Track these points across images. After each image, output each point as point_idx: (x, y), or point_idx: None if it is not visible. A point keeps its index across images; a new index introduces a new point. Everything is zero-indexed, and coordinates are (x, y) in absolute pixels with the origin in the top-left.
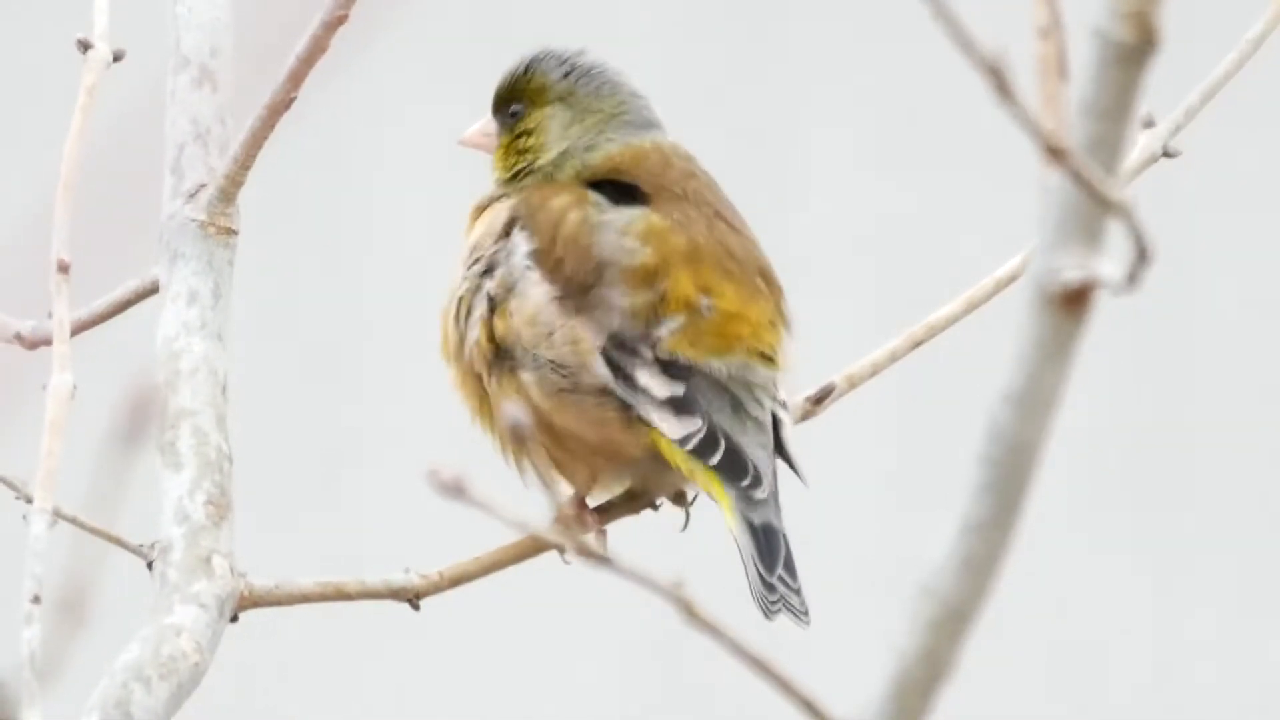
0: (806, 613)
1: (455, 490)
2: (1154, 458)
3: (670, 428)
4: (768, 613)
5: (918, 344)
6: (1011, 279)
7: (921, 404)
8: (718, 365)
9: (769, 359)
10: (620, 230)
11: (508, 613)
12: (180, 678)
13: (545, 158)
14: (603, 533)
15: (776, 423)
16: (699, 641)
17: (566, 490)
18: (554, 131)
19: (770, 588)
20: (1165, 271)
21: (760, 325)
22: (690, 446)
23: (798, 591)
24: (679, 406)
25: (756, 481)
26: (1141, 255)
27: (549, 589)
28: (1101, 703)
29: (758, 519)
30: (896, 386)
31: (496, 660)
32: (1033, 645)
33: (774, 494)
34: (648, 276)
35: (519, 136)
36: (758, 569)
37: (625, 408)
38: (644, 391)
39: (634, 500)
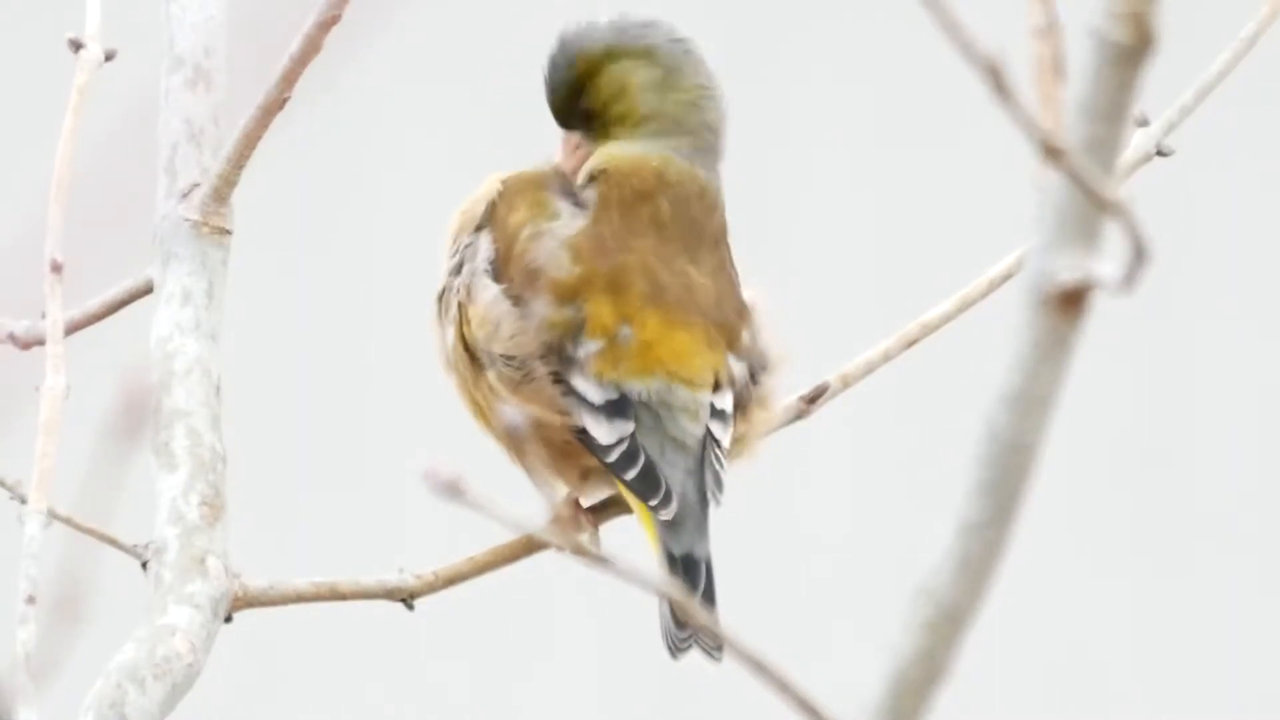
0: (720, 649)
1: (453, 490)
2: (1150, 458)
3: (601, 433)
4: (674, 651)
5: (912, 343)
6: (1005, 277)
7: (917, 403)
8: (639, 387)
9: (691, 382)
10: (560, 242)
11: (502, 613)
12: (175, 678)
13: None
14: (596, 532)
15: (711, 440)
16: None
17: (562, 490)
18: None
19: (682, 624)
20: (1157, 271)
21: (683, 354)
22: (611, 459)
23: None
24: (613, 410)
25: (665, 502)
26: (1139, 255)
27: (544, 589)
28: (1100, 704)
29: (679, 549)
30: (891, 386)
31: (491, 661)
32: (1030, 646)
33: (695, 518)
34: (570, 294)
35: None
36: (670, 602)
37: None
38: (580, 395)
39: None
